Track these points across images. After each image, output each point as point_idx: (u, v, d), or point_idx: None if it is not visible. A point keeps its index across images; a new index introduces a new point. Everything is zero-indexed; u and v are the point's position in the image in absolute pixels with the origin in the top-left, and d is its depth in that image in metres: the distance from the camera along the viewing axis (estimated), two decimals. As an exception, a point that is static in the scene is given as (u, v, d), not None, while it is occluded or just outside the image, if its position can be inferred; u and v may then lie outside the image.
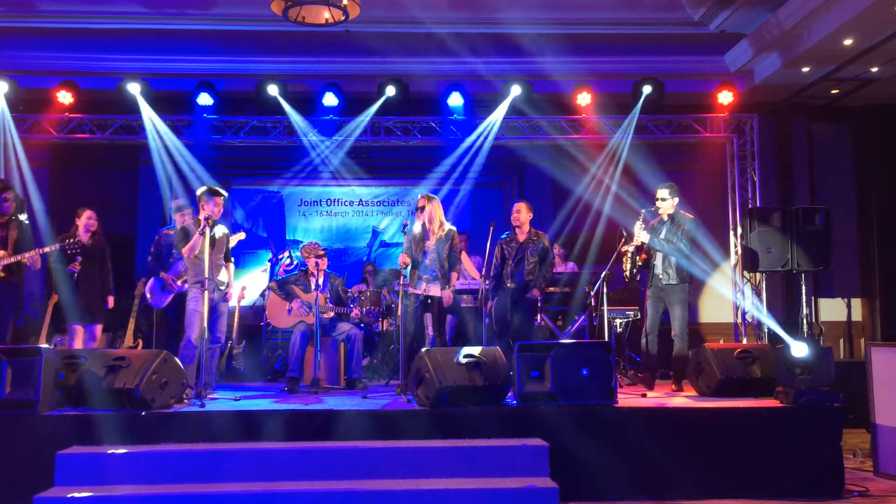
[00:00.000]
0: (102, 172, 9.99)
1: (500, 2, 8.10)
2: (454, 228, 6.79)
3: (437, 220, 6.65)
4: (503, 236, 6.92)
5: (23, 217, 6.74)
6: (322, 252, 6.94)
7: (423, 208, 6.70)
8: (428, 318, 7.46)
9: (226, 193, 6.37)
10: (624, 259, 6.76)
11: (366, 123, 8.89)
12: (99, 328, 7.05)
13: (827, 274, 9.25)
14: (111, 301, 7.13)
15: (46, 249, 6.61)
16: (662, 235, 6.57)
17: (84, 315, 6.87)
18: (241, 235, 6.86)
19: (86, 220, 6.99)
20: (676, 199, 6.68)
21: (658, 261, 6.59)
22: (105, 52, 8.84)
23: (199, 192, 6.29)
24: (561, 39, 8.33)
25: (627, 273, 6.74)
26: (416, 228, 6.75)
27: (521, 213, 6.98)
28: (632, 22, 8.52)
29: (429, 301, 6.62)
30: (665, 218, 6.64)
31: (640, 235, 6.58)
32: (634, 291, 8.01)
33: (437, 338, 6.98)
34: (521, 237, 6.97)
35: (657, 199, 6.69)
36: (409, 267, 6.61)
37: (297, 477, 4.65)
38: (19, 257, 6.46)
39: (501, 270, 6.97)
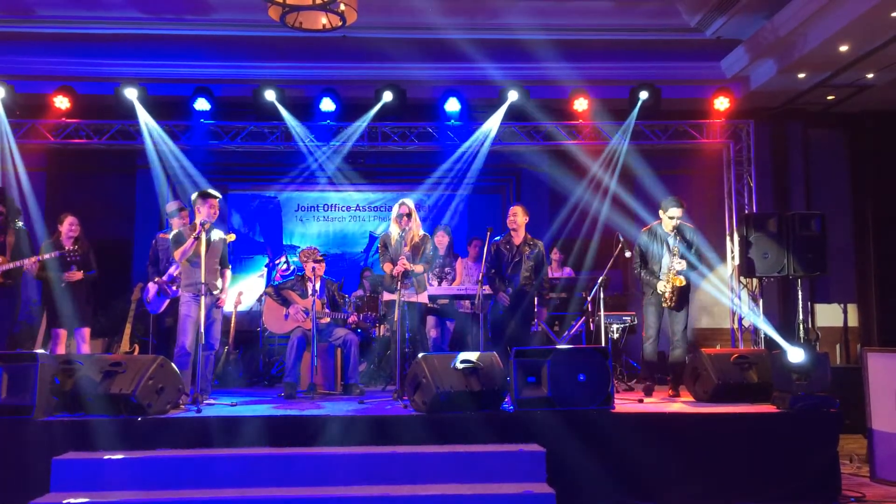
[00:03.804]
0: (99, 177, 9.99)
1: (498, 8, 8.13)
2: (428, 234, 7.01)
3: (417, 228, 6.82)
4: (498, 238, 6.90)
5: (20, 223, 6.74)
6: (320, 257, 6.94)
7: (408, 215, 6.77)
8: (428, 321, 7.49)
9: (219, 196, 6.37)
10: (666, 297, 6.59)
11: (363, 129, 8.88)
12: (87, 331, 7.02)
13: (823, 279, 9.27)
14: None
15: (46, 256, 6.61)
16: (673, 249, 6.51)
17: (71, 320, 6.85)
18: (231, 237, 6.86)
19: (68, 227, 6.97)
20: (682, 210, 6.68)
21: (662, 268, 6.54)
22: (102, 57, 8.84)
23: (193, 196, 6.30)
24: (558, 45, 8.35)
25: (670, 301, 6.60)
26: (395, 235, 6.83)
27: (518, 217, 6.97)
28: (628, 28, 8.56)
29: (406, 307, 6.66)
30: (672, 231, 6.57)
31: (676, 265, 6.41)
32: (631, 297, 8.03)
33: (420, 342, 6.99)
34: (517, 241, 6.95)
35: (671, 218, 6.55)
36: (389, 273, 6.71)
37: (295, 483, 4.65)
38: (17, 264, 6.45)
39: (496, 273, 6.91)
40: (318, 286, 6.76)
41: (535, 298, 7.15)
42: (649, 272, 6.62)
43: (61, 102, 8.51)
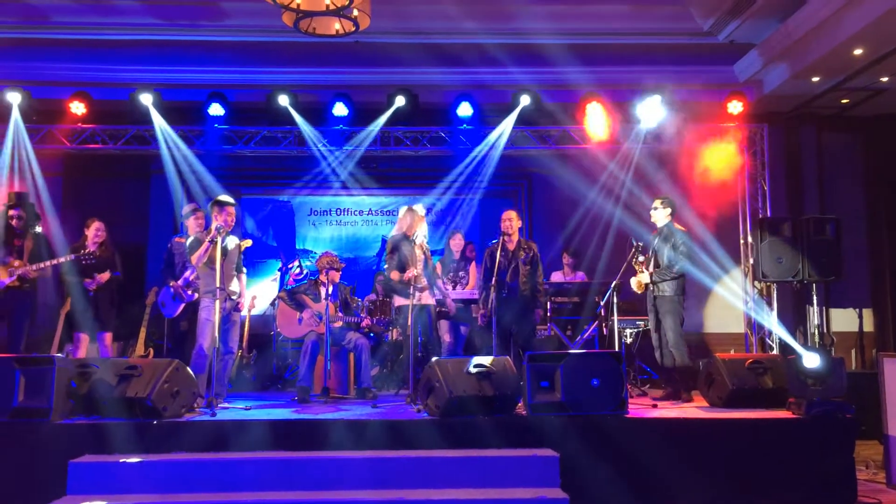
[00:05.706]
0: (114, 182, 10.06)
1: (510, 12, 8.14)
2: (426, 244, 6.97)
3: (423, 234, 6.82)
4: (491, 243, 6.88)
5: (38, 228, 6.82)
6: (341, 265, 7.00)
7: (416, 221, 6.79)
8: (442, 325, 7.48)
9: (235, 203, 6.42)
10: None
11: (375, 133, 8.91)
12: (109, 336, 7.11)
13: (838, 284, 9.19)
14: None
15: (62, 259, 6.67)
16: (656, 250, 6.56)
17: (94, 324, 6.91)
18: (248, 243, 6.91)
19: (94, 232, 7.04)
20: (669, 210, 6.70)
21: (651, 273, 6.57)
22: (118, 63, 8.90)
23: (210, 204, 6.36)
24: (570, 49, 8.33)
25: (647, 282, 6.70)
26: (402, 240, 6.84)
27: (514, 221, 6.93)
28: (641, 32, 8.54)
29: (416, 310, 6.67)
30: (657, 232, 6.64)
31: (642, 277, 6.65)
32: (644, 301, 7.99)
33: (433, 346, 7.00)
34: (511, 245, 6.91)
35: (653, 209, 6.68)
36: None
37: (308, 487, 4.66)
38: (35, 267, 6.52)
39: (494, 278, 6.76)
40: (330, 290, 6.80)
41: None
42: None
43: (77, 108, 8.58)
